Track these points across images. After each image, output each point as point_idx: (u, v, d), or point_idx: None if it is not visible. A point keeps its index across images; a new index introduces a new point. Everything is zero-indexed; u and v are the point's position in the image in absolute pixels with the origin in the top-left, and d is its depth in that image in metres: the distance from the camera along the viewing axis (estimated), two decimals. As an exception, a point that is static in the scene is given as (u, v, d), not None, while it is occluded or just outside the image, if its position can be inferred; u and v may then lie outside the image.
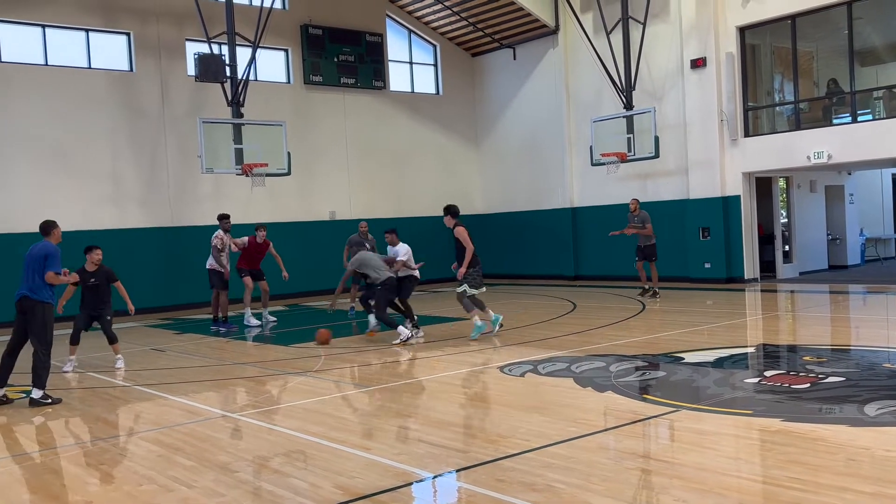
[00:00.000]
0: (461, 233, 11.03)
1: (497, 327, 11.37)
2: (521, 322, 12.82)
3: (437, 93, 22.89)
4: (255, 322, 14.05)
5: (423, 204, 21.93)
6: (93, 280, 10.11)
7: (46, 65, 16.86)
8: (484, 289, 11.32)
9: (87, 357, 11.01)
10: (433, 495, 5.00)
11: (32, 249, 8.28)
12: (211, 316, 14.24)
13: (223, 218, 14.06)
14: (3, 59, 16.30)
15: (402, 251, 11.83)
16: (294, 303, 18.19)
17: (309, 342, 11.56)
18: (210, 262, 13.85)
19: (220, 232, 13.86)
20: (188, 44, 18.35)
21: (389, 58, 21.72)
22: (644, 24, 17.84)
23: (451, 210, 11.36)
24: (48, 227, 8.50)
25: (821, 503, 4.30)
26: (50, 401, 8.00)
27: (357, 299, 13.69)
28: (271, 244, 14.30)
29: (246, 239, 14.04)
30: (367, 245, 13.23)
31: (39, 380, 7.99)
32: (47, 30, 16.91)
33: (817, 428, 5.76)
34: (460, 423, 6.58)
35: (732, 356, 9.00)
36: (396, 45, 22.11)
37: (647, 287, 15.86)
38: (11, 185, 16.27)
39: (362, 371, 9.27)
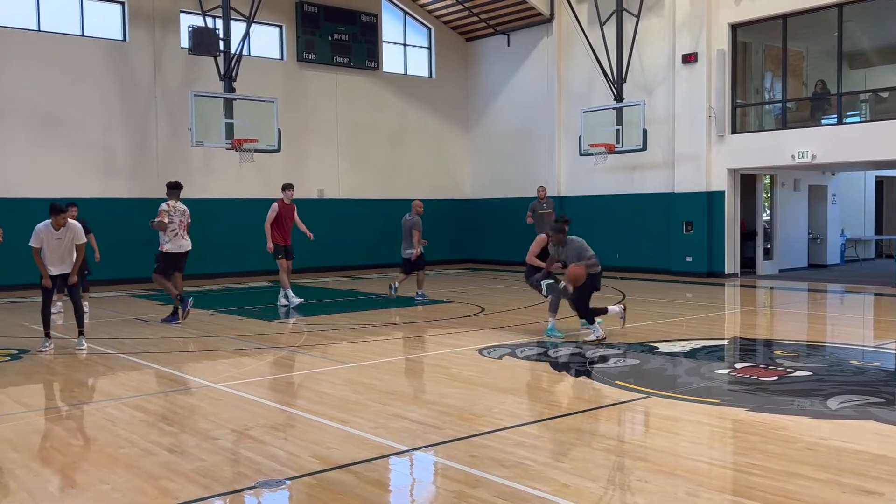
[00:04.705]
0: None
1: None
2: (503, 307, 13.00)
3: (430, 76, 22.94)
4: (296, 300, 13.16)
5: (413, 186, 22.04)
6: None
7: (39, 30, 16.81)
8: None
9: (69, 325, 11.08)
10: (408, 468, 5.17)
11: None
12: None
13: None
14: (-5, 23, 16.27)
15: None
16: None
17: (292, 317, 11.72)
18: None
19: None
20: (182, 15, 18.32)
21: (384, 39, 21.74)
22: (638, 17, 17.97)
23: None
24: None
25: (776, 488, 4.50)
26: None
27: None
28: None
29: (275, 205, 13.14)
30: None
31: None
32: (41, -5, 16.86)
33: (780, 418, 5.97)
34: (437, 402, 6.75)
35: (706, 347, 9.22)
36: (391, 26, 22.13)
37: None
38: (1, 152, 16.27)
39: (344, 348, 9.42)
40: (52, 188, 16.45)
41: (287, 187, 13.43)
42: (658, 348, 9.06)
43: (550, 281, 10.22)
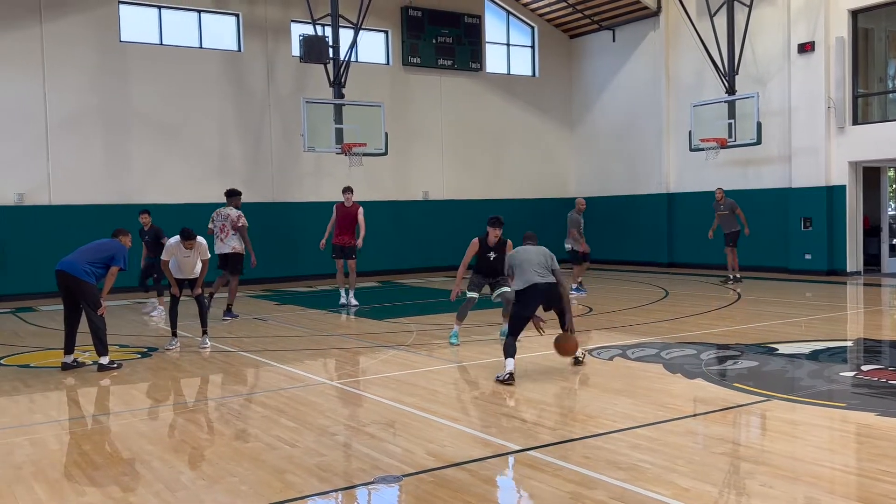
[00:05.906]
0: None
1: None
2: (613, 307, 12.83)
3: (534, 75, 22.85)
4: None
5: (516, 186, 22.03)
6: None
7: (161, 44, 17.72)
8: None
9: (193, 325, 11.62)
10: (522, 467, 5.18)
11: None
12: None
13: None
14: (122, 39, 17.23)
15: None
16: (387, 279, 18.64)
17: (401, 317, 11.92)
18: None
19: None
20: (293, 25, 18.93)
21: (487, 39, 21.80)
22: (750, 7, 17.35)
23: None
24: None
25: (911, 497, 4.28)
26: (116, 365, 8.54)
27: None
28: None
29: (334, 208, 13.63)
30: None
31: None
32: (163, 10, 17.75)
33: (914, 424, 5.67)
34: (548, 402, 6.74)
35: (829, 349, 8.83)
36: (494, 26, 22.16)
37: (731, 276, 16.23)
38: (127, 160, 17.24)
39: (453, 347, 9.51)
40: (172, 194, 17.31)
41: (346, 190, 13.80)
42: (778, 350, 8.74)
43: (506, 289, 9.41)
